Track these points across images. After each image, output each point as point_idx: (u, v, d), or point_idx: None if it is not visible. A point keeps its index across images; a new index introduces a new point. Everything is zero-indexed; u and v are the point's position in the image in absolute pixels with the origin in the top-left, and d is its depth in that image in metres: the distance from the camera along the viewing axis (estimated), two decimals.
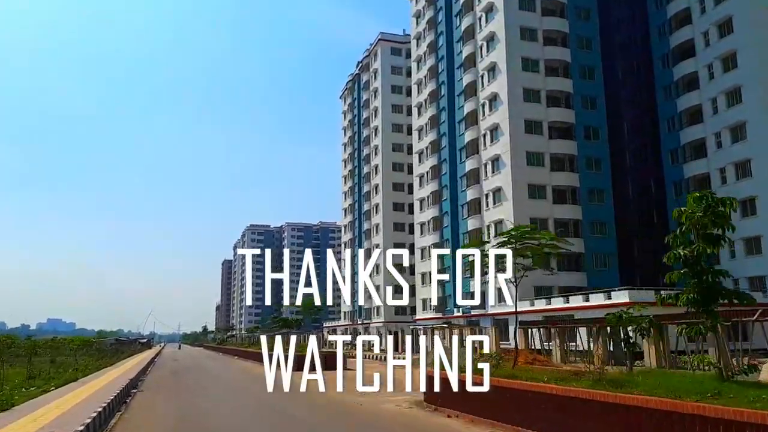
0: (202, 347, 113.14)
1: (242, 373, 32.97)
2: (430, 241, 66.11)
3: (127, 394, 20.39)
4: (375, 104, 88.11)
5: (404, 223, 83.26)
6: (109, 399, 15.73)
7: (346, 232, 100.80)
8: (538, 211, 51.49)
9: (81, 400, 15.98)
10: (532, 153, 52.52)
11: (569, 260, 52.05)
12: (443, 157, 65.12)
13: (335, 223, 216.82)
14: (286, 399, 14.95)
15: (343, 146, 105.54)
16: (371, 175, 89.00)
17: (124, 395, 19.04)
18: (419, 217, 70.52)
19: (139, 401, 19.53)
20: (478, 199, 56.59)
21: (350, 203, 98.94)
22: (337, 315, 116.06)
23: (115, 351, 65.40)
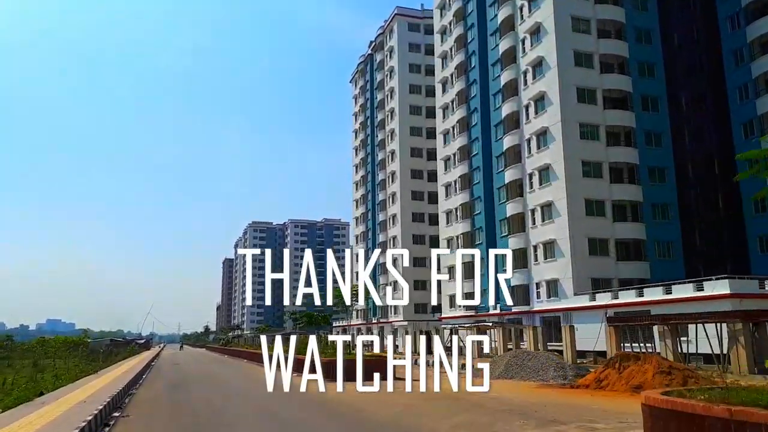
0: (204, 348, 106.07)
1: (263, 384, 26.05)
2: (459, 230, 59.23)
3: (102, 423, 13.51)
4: (391, 85, 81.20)
5: (424, 213, 76.44)
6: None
7: (358, 225, 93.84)
8: (593, 191, 44.63)
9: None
10: (585, 125, 45.67)
11: (627, 249, 45.26)
12: (474, 135, 58.23)
13: (339, 220, 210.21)
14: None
15: (354, 133, 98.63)
16: (386, 162, 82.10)
17: (94, 429, 12.15)
18: (444, 205, 63.63)
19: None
20: (520, 180, 49.70)
21: (362, 193, 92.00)
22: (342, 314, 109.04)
23: (109, 353, 58.67)
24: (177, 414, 16.21)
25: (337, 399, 16.85)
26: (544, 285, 45.84)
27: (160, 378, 31.33)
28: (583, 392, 18.31)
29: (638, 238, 44.96)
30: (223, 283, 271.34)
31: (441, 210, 64.12)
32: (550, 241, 45.31)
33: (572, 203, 43.81)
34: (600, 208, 44.66)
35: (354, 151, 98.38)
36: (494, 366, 24.91)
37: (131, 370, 33.23)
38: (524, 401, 17.20)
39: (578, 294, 42.15)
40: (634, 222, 45.20)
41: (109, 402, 15.81)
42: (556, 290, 44.49)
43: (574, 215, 43.71)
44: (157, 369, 41.43)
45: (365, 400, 17.38)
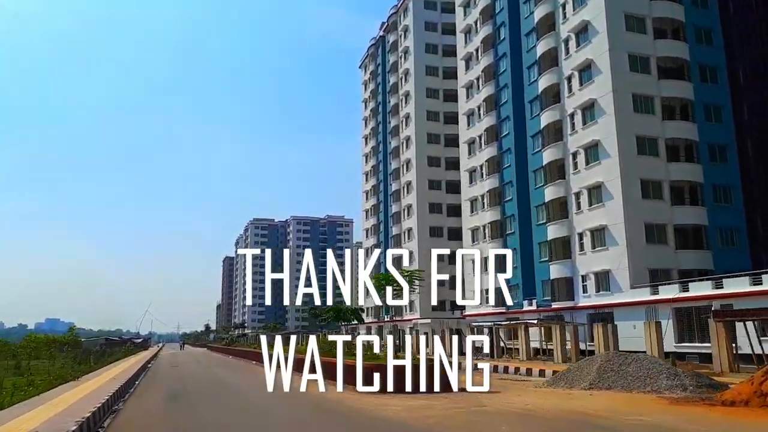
0: (205, 348, 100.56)
1: (292, 398, 20.55)
2: (486, 219, 53.93)
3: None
4: (405, 66, 75.82)
5: (441, 203, 71.16)
6: None
7: (368, 218, 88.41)
8: (649, 170, 39.32)
9: None
10: (638, 96, 40.34)
11: (686, 236, 39.96)
12: (504, 114, 52.90)
13: (343, 217, 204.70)
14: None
15: (364, 120, 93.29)
16: (400, 150, 76.76)
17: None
18: (468, 192, 58.32)
19: None
20: (561, 160, 44.37)
21: (373, 184, 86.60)
22: None
23: (102, 354, 53.38)
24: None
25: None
26: (591, 277, 40.50)
27: (155, 385, 25.96)
28: (753, 413, 12.98)
29: (699, 224, 39.65)
30: (223, 282, 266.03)
31: (464, 198, 58.80)
32: (599, 228, 39.99)
33: (627, 184, 38.47)
34: (657, 189, 39.35)
35: (364, 140, 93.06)
36: (579, 372, 19.57)
37: (123, 375, 27.95)
38: (676, 427, 11.93)
39: (636, 287, 36.82)
40: (693, 206, 39.90)
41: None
42: (607, 283, 39.17)
43: (629, 198, 38.37)
44: (154, 373, 36.08)
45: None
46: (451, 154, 72.41)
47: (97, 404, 14.67)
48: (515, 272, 49.57)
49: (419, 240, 69.84)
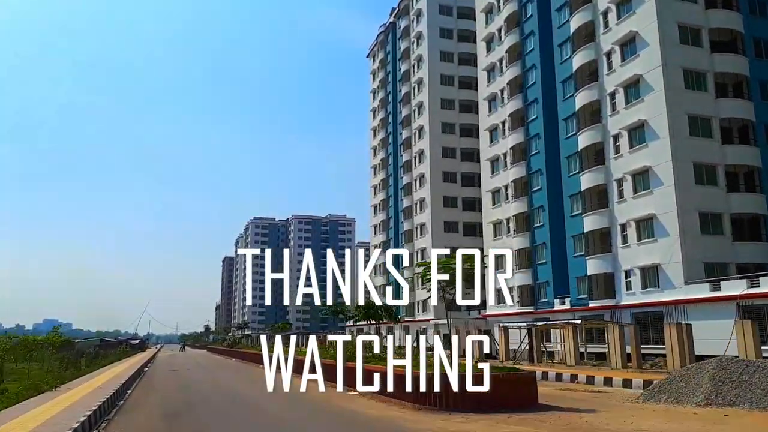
0: (205, 350, 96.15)
1: (324, 414, 16.21)
2: (511, 211, 49.84)
3: None
4: (418, 52, 71.78)
5: (456, 197, 67.19)
6: None
7: (377, 213, 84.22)
8: (702, 153, 35.26)
9: None
10: (689, 71, 36.31)
11: (742, 226, 35.92)
12: (531, 97, 48.86)
13: (345, 216, 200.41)
14: None
15: (372, 112, 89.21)
16: (412, 141, 72.70)
17: None
18: (490, 183, 54.23)
19: None
20: (600, 144, 40.28)
21: (382, 178, 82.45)
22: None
23: (95, 356, 49.29)
24: None
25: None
26: (637, 273, 36.40)
27: (151, 396, 21.81)
28: None
29: (757, 212, 35.63)
30: (222, 282, 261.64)
31: (485, 189, 54.69)
32: (647, 218, 35.90)
33: (679, 168, 34.40)
34: (711, 175, 35.30)
35: (372, 132, 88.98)
36: (685, 384, 15.48)
37: (113, 381, 23.89)
38: None
39: (692, 282, 32.76)
40: (751, 192, 35.86)
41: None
42: (656, 278, 35.09)
43: (682, 184, 34.29)
44: (150, 379, 31.95)
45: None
46: (467, 145, 68.48)
47: (73, 423, 10.62)
48: (544, 269, 45.56)
49: (433, 236, 65.80)
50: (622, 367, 26.42)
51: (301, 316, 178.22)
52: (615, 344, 27.06)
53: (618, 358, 26.88)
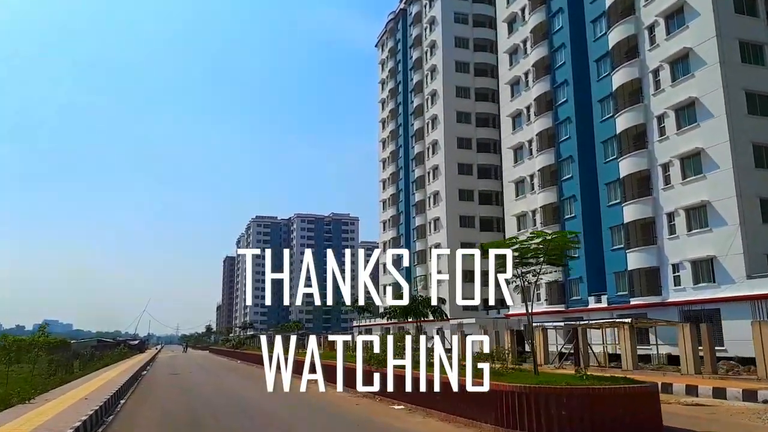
0: (208, 351, 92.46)
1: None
2: (538, 203, 46.34)
3: None
4: (432, 38, 68.28)
5: (473, 190, 63.70)
6: None
7: (386, 209, 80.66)
8: (762, 133, 31.74)
9: None
10: (745, 43, 32.81)
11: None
12: (560, 78, 45.37)
13: (348, 215, 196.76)
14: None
15: (381, 103, 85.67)
16: (425, 131, 69.22)
17: None
18: (513, 173, 50.69)
19: None
20: (641, 126, 36.77)
21: (392, 171, 78.91)
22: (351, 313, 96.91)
23: (90, 358, 45.79)
24: None
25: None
26: (687, 266, 32.87)
27: (148, 407, 18.28)
28: None
29: None
30: (223, 282, 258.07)
31: (508, 180, 51.16)
32: (698, 205, 32.38)
33: (737, 150, 30.90)
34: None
35: (380, 124, 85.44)
36: None
37: (105, 389, 20.43)
38: None
39: (755, 276, 29.22)
40: None
41: None
42: (711, 273, 31.56)
43: (740, 167, 30.78)
44: (149, 384, 28.41)
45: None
46: (484, 135, 65.09)
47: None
48: (577, 264, 41.99)
49: (449, 231, 62.31)
50: (695, 372, 22.84)
51: (303, 316, 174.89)
52: (687, 346, 23.48)
53: (690, 362, 23.30)
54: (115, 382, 23.86)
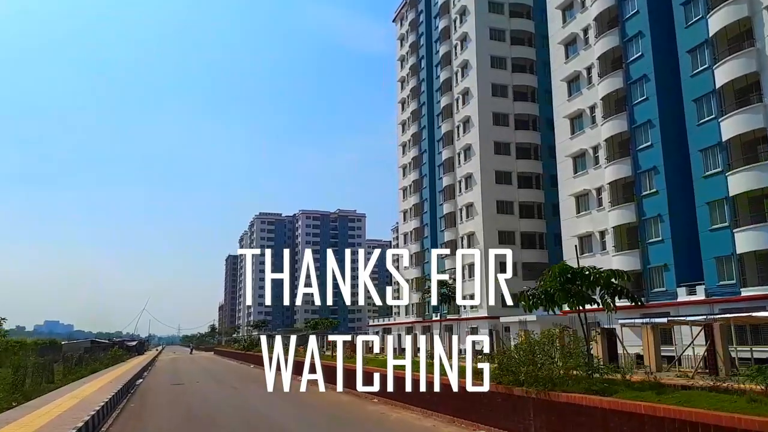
0: (213, 353, 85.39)
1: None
2: (607, 177, 39.21)
3: None
4: (462, 3, 61.21)
5: (510, 171, 56.65)
6: None
7: (407, 197, 73.59)
8: None
9: None
10: None
11: None
12: (631, 31, 38.21)
13: (354, 212, 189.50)
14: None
15: (400, 82, 78.52)
16: (454, 107, 62.18)
17: None
18: (570, 146, 43.61)
19: None
20: (754, 76, 29.69)
21: (414, 155, 71.68)
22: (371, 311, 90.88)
23: (77, 361, 39.00)
24: None
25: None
26: None
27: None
28: None
29: None
30: (226, 282, 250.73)
31: (565, 153, 44.01)
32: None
33: None
34: None
35: (399, 105, 78.27)
36: None
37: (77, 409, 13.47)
38: None
39: None
40: None
41: None
42: None
43: None
44: (141, 407, 21.29)
45: None
46: (523, 110, 58.05)
47: None
48: (660, 249, 34.94)
49: (484, 217, 55.25)
50: None
51: (309, 316, 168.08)
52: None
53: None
54: (90, 403, 16.94)
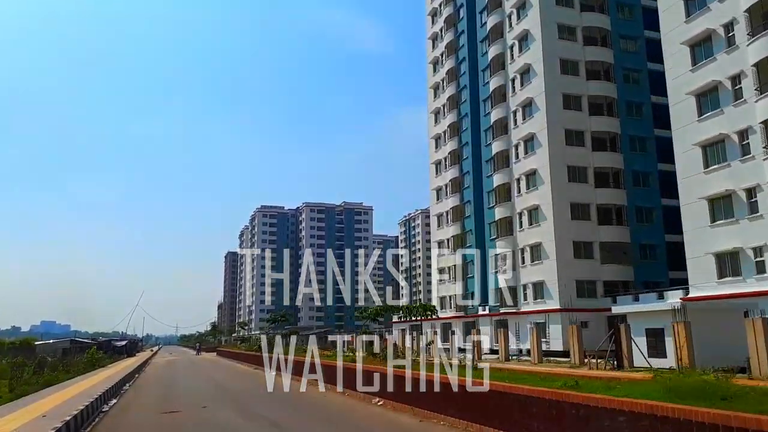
0: (215, 353, 74.46)
1: None
2: (760, 114, 28.59)
3: None
4: None
5: (583, 131, 46.19)
6: None
7: (441, 171, 63.04)
8: None
9: None
10: None
11: None
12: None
13: (361, 204, 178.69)
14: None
15: (432, 40, 68.05)
16: (507, 57, 51.80)
17: None
18: (691, 81, 32.93)
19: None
20: None
21: (452, 121, 61.03)
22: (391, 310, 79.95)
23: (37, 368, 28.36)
24: None
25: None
26: None
27: None
28: None
29: None
30: (225, 279, 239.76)
31: (684, 90, 33.23)
32: None
33: None
34: None
35: (431, 67, 67.81)
36: None
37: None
38: None
39: None
40: None
41: None
42: None
43: None
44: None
45: None
46: (595, 57, 47.52)
47: None
48: None
49: (553, 187, 44.72)
50: None
51: (314, 314, 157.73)
52: None
53: None
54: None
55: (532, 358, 34.20)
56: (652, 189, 46.80)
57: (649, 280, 44.33)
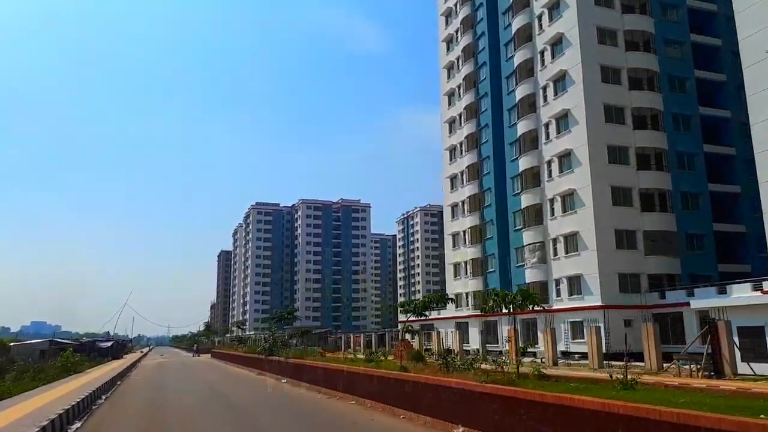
0: (210, 355, 68.91)
1: None
2: None
3: None
4: None
5: (624, 107, 41.24)
6: None
7: (458, 157, 57.97)
8: None
9: None
10: None
11: None
12: None
13: (359, 201, 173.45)
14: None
15: (445, 17, 62.99)
16: (536, 26, 46.83)
17: None
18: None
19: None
20: None
21: (469, 102, 55.99)
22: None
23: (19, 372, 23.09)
24: None
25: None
26: None
27: None
28: None
29: None
30: (218, 278, 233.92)
31: (752, 61, 28.33)
32: None
33: None
34: None
35: (444, 45, 62.75)
36: None
37: None
38: None
39: None
40: None
41: None
42: None
43: None
44: None
45: None
46: (634, 27, 42.76)
47: None
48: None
49: (592, 169, 39.80)
50: None
51: (311, 313, 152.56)
52: None
53: None
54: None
55: (590, 363, 29.17)
56: (698, 172, 42.04)
57: (697, 273, 39.50)
